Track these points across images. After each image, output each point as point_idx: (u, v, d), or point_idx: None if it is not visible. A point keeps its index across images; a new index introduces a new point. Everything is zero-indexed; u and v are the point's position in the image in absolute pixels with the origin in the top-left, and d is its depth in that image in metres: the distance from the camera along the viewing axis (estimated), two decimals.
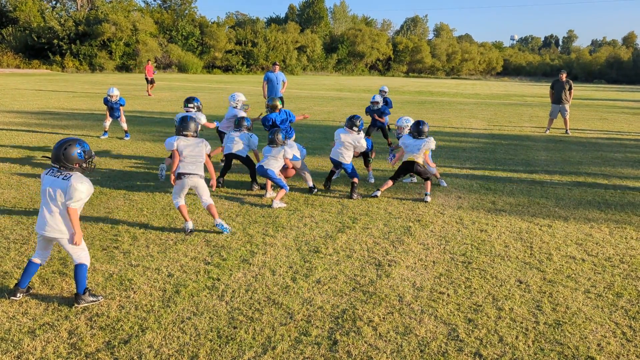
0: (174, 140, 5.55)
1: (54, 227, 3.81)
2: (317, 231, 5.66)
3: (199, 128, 6.24)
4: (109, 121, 11.29)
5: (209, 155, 5.70)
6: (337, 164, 7.52)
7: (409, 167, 7.17)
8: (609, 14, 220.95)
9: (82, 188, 3.80)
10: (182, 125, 5.60)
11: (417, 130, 7.19)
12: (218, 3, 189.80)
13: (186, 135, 5.56)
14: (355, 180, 7.28)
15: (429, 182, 7.22)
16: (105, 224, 5.62)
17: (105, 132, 11.43)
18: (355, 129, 7.40)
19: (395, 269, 4.69)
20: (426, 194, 7.15)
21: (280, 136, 6.92)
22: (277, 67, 14.30)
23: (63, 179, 3.79)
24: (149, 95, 25.03)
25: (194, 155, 5.49)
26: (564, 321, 3.80)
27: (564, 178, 8.80)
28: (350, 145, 7.41)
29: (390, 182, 7.29)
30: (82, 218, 5.73)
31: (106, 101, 11.21)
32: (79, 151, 3.87)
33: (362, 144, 7.45)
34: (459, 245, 5.38)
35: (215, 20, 75.90)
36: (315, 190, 7.33)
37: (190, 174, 5.41)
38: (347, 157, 7.40)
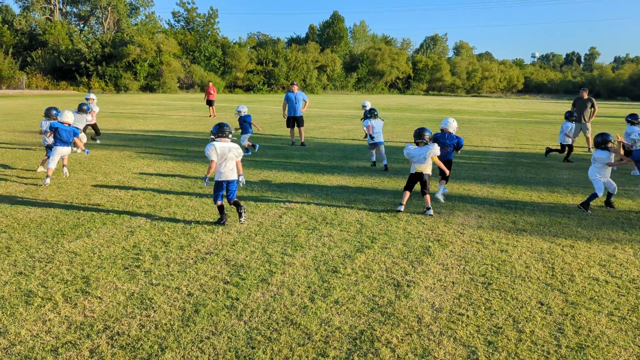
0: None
1: None
2: (335, 251, 5.67)
3: None
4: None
5: None
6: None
7: (417, 178, 7.37)
8: (632, 31, 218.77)
9: None
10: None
11: (419, 137, 7.40)
12: (240, 24, 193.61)
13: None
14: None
15: (427, 197, 7.36)
16: (127, 243, 5.71)
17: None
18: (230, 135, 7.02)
19: (414, 289, 4.67)
20: (428, 208, 7.31)
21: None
22: (296, 87, 14.57)
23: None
24: (214, 117, 24.91)
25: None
26: (587, 345, 3.73)
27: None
28: None
29: (407, 193, 7.47)
30: (105, 237, 5.85)
31: (241, 120, 12.80)
32: None
33: None
34: (478, 265, 5.33)
35: (237, 40, 77.35)
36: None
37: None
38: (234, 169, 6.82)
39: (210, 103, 25.65)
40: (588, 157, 13.74)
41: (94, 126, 13.85)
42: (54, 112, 9.71)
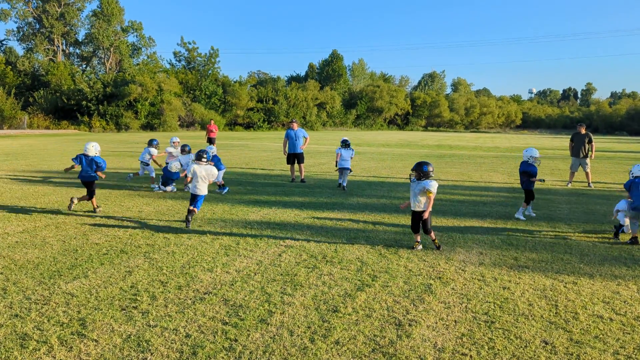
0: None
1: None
2: (335, 289, 5.60)
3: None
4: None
5: None
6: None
7: (416, 217, 7.29)
8: (627, 67, 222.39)
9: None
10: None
11: (419, 172, 7.23)
12: (240, 63, 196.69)
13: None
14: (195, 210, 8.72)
15: (431, 234, 7.37)
16: (125, 284, 5.65)
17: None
18: (204, 160, 8.84)
19: (415, 329, 4.59)
20: (435, 243, 7.38)
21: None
22: (296, 124, 14.78)
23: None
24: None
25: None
26: None
27: (587, 233, 8.63)
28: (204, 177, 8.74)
29: (417, 236, 7.39)
30: (103, 277, 5.79)
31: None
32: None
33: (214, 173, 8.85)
34: (481, 303, 5.26)
35: (237, 79, 78.39)
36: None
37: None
38: (203, 188, 8.75)
39: (211, 141, 25.75)
40: (587, 192, 13.74)
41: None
42: (155, 142, 13.65)
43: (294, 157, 14.76)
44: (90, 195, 9.69)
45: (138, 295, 5.30)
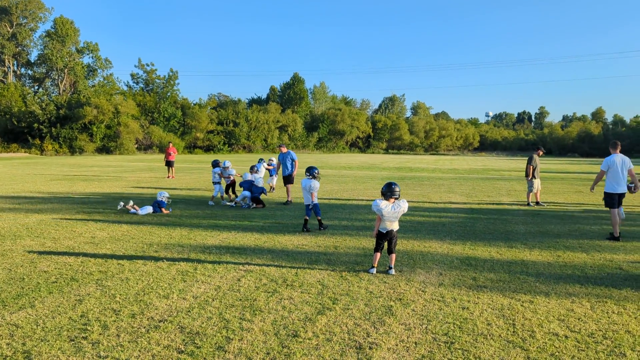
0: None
1: None
2: (296, 314, 5.50)
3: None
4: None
5: None
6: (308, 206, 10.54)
7: (387, 236, 7.28)
8: (577, 91, 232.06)
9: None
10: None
11: (391, 192, 7.28)
12: (200, 85, 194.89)
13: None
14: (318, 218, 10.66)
15: (393, 255, 7.31)
16: (75, 313, 5.40)
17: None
18: (310, 176, 10.47)
19: (376, 351, 4.54)
20: (390, 267, 7.28)
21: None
22: (284, 148, 15.72)
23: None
24: (172, 177, 24.56)
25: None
26: None
27: (543, 252, 8.82)
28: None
29: (377, 255, 7.33)
30: (50, 307, 5.52)
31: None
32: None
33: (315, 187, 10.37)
34: (441, 324, 5.25)
35: (197, 101, 77.80)
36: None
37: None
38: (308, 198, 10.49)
39: (169, 164, 25.30)
40: (542, 212, 14.10)
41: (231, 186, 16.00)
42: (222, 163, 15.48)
43: (284, 180, 15.41)
44: (258, 203, 13.97)
45: (88, 325, 5.07)
